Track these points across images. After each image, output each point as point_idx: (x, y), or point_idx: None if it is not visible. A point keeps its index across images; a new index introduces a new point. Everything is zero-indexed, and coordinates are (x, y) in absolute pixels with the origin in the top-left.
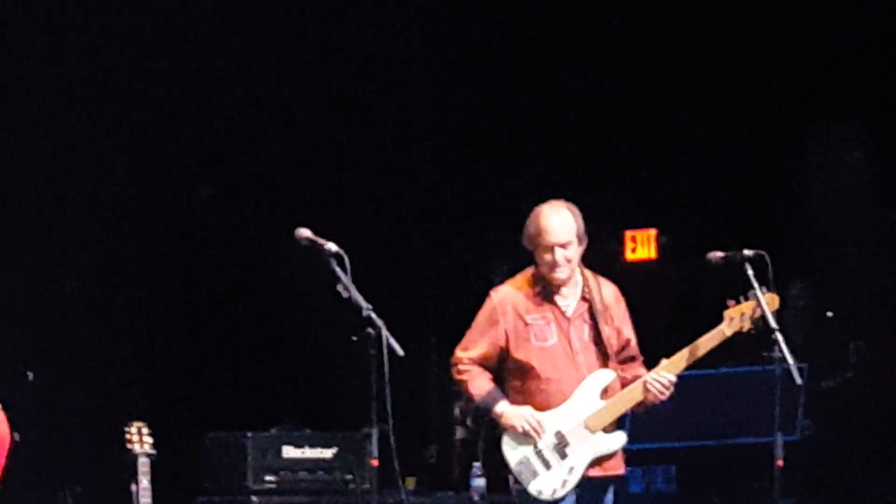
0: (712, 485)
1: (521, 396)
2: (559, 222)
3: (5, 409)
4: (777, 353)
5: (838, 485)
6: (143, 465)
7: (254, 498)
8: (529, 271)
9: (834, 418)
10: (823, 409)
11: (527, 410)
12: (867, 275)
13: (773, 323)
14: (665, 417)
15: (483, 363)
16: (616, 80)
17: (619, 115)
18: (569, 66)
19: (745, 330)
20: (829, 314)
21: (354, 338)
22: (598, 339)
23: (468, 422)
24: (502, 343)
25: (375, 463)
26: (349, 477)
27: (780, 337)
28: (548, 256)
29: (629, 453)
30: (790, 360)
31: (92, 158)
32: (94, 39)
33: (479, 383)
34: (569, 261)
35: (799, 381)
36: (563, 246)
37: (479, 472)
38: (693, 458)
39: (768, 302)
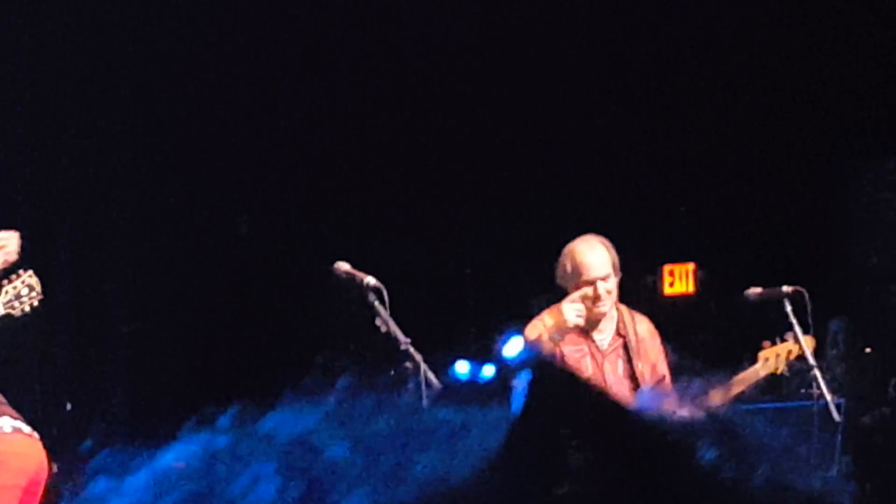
0: None
1: None
2: (597, 257)
3: (43, 440)
4: (815, 390)
5: None
6: None
7: None
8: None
9: (873, 455)
10: (862, 445)
11: None
12: None
13: (811, 360)
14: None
15: None
16: (656, 112)
17: (658, 148)
18: (607, 99)
19: (779, 372)
20: (868, 350)
21: (393, 372)
22: (631, 374)
23: None
24: None
25: None
26: None
27: (818, 374)
28: (588, 292)
29: None
30: (828, 396)
31: (132, 194)
32: (138, 69)
33: None
34: (609, 293)
35: (837, 417)
36: (603, 279)
37: None
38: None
39: (805, 343)
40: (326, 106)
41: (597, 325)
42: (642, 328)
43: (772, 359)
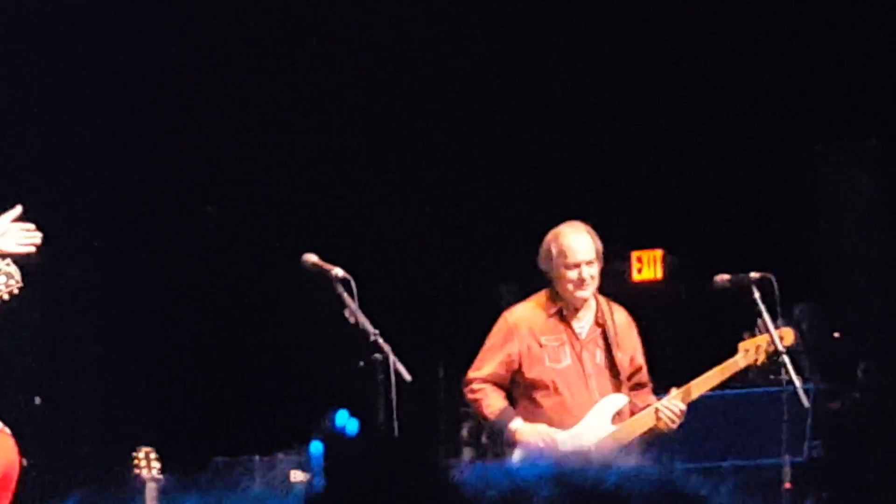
0: None
1: (532, 417)
2: (582, 241)
3: (14, 435)
4: (784, 376)
5: None
6: (151, 490)
7: None
8: (543, 293)
9: (842, 440)
10: (832, 430)
11: (542, 427)
12: (875, 295)
13: (780, 346)
14: (673, 439)
15: (496, 382)
16: (623, 98)
17: (625, 135)
18: (574, 85)
19: (759, 363)
20: (837, 335)
21: (362, 363)
22: (610, 363)
23: (484, 439)
24: (516, 363)
25: None
26: None
27: (787, 360)
28: (573, 275)
29: None
30: (797, 382)
31: (98, 183)
32: (104, 52)
33: (492, 401)
34: (593, 278)
35: (806, 403)
36: (588, 264)
37: None
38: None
39: (783, 336)
40: (294, 95)
41: (576, 314)
42: (620, 318)
43: (752, 350)
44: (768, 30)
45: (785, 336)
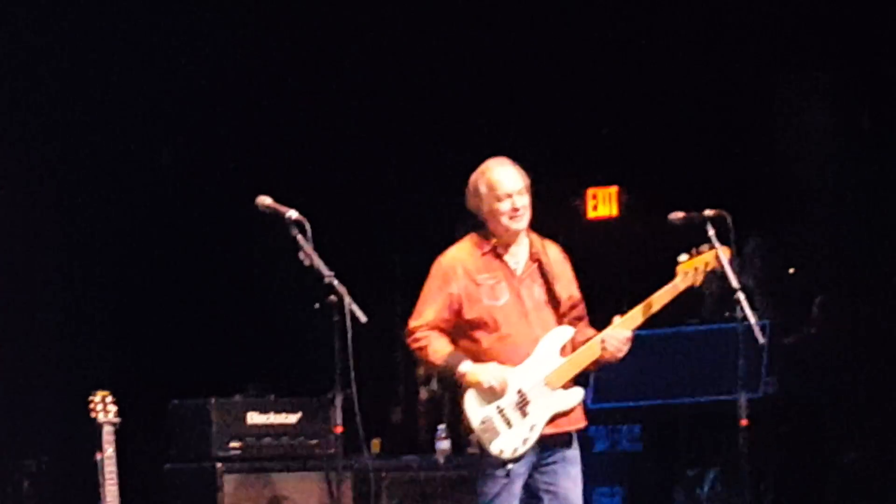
0: (677, 443)
1: (474, 357)
2: (510, 172)
3: None
4: (739, 312)
5: (803, 440)
6: (108, 433)
7: (219, 464)
8: (474, 235)
9: (798, 374)
10: (787, 365)
11: (492, 366)
12: (830, 229)
13: (734, 283)
14: (629, 377)
15: (440, 328)
16: (574, 33)
17: (578, 71)
18: (524, 19)
19: (698, 284)
20: (791, 270)
21: (317, 305)
22: (549, 298)
23: (434, 385)
24: (456, 305)
25: (339, 429)
26: (314, 442)
27: (741, 296)
28: (505, 206)
29: (593, 413)
30: (752, 318)
31: (49, 131)
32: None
33: (438, 346)
34: (526, 209)
35: (761, 339)
36: (518, 194)
37: (443, 434)
38: (658, 417)
39: (716, 255)
40: (252, 37)
41: (508, 250)
42: (554, 252)
43: (690, 272)
44: None
45: (723, 252)
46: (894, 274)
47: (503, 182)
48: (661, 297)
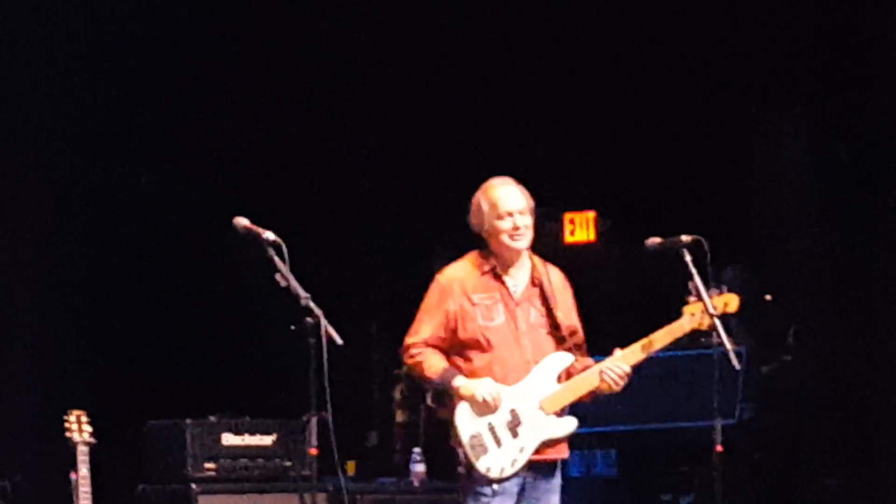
0: (652, 469)
1: (468, 376)
2: (512, 191)
3: None
4: (715, 338)
5: (778, 467)
6: (83, 453)
7: (193, 485)
8: (475, 253)
9: (773, 402)
10: (763, 392)
11: (487, 381)
12: (806, 259)
13: (710, 308)
14: (605, 401)
15: (435, 345)
16: (556, 59)
17: (558, 96)
18: (506, 45)
19: (705, 327)
20: (768, 298)
21: (293, 327)
22: (547, 323)
23: (429, 401)
24: (452, 323)
25: (315, 451)
26: (289, 464)
27: (717, 322)
28: (506, 224)
29: (568, 437)
30: (728, 344)
31: (26, 152)
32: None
33: (433, 362)
34: (527, 228)
35: (737, 366)
36: (520, 213)
37: (418, 458)
38: (633, 442)
39: (727, 302)
40: (228, 55)
41: (508, 271)
42: (556, 278)
43: (697, 314)
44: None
45: (730, 302)
46: (869, 303)
47: (505, 200)
48: (663, 337)
